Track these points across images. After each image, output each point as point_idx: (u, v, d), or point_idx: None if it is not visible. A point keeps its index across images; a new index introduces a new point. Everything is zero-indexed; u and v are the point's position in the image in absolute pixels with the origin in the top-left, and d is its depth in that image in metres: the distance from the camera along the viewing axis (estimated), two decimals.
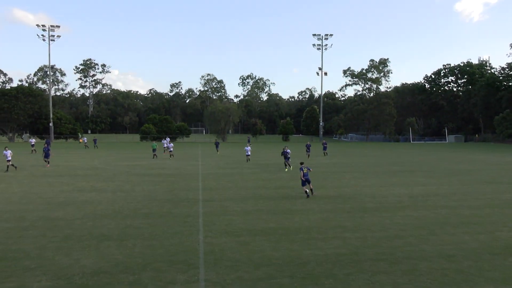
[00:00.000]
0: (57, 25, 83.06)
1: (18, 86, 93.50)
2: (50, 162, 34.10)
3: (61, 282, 10.06)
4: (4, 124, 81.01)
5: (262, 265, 11.27)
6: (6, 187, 23.34)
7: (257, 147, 62.43)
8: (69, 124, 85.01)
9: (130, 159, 40.44)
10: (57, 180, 26.07)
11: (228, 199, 20.20)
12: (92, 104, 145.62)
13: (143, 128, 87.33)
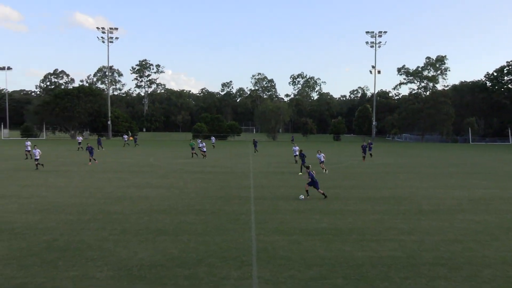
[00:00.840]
0: (115, 28, 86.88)
1: (80, 86, 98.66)
2: (100, 159, 35.63)
3: (121, 272, 10.51)
4: (67, 122, 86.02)
5: (315, 264, 11.19)
6: (69, 181, 24.69)
7: (307, 147, 61.96)
8: (125, 122, 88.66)
9: (182, 157, 41.49)
10: (115, 176, 27.24)
11: (280, 198, 20.21)
12: (147, 103, 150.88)
13: (196, 126, 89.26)
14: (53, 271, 10.57)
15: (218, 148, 56.35)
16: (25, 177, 26.27)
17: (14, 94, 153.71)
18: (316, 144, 73.41)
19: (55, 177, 26.17)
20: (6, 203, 18.41)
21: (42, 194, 20.61)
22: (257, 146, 48.08)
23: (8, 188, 21.93)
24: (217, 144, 67.34)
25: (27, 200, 18.97)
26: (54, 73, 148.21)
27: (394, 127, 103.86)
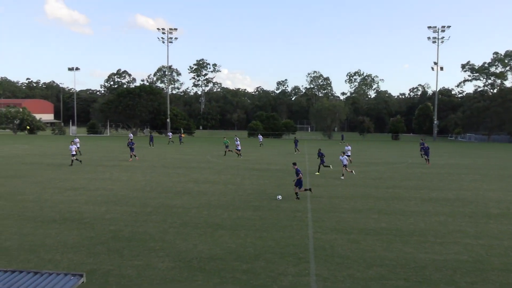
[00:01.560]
0: (175, 28, 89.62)
1: (141, 85, 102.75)
2: (159, 155, 36.89)
3: (181, 264, 10.85)
4: (129, 120, 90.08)
5: (374, 265, 10.94)
6: (131, 176, 25.82)
7: (365, 146, 60.55)
8: (183, 120, 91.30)
9: (263, 153, 41.96)
10: (174, 172, 28.12)
11: (337, 197, 19.94)
12: (203, 102, 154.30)
13: (251, 124, 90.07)
14: (119, 259, 11.12)
15: (274, 146, 56.47)
16: (92, 171, 27.80)
17: (81, 93, 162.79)
18: (373, 143, 71.58)
19: (119, 172, 27.48)
20: (75, 194, 19.60)
21: (108, 187, 21.73)
22: (298, 145, 46.92)
23: (77, 181, 23.32)
24: (273, 142, 67.52)
25: (94, 193, 20.08)
26: (117, 73, 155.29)
27: (457, 126, 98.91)
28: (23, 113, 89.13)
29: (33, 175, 25.54)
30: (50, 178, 24.48)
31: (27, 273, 4.09)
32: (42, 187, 21.32)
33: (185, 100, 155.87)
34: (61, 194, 19.57)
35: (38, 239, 12.73)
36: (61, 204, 17.40)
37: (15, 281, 3.90)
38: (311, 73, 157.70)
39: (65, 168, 28.85)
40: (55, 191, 20.42)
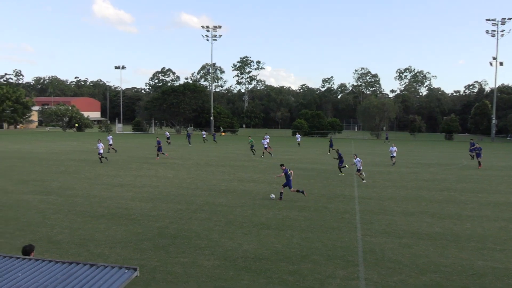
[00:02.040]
0: (219, 25, 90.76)
1: (185, 83, 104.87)
2: (203, 153, 37.50)
3: (227, 263, 10.98)
4: (173, 118, 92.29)
5: (428, 271, 10.60)
6: (177, 173, 26.42)
7: (416, 146, 58.85)
8: (227, 118, 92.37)
9: (282, 153, 41.96)
10: (219, 170, 28.50)
11: (387, 198, 19.48)
12: (247, 100, 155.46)
13: (295, 123, 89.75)
14: (165, 256, 11.40)
15: (319, 145, 55.98)
16: (138, 168, 28.68)
17: (127, 92, 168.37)
18: (425, 143, 69.40)
19: (164, 169, 28.20)
20: (122, 191, 20.30)
21: (153, 184, 22.35)
22: (333, 146, 45.35)
23: (124, 178, 24.14)
24: (318, 141, 66.94)
25: (141, 189, 20.72)
26: (162, 71, 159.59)
27: None
28: (72, 111, 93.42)
29: (82, 171, 26.69)
30: (98, 174, 25.49)
31: (84, 265, 4.28)
32: (91, 183, 22.23)
33: (228, 98, 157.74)
34: (109, 190, 20.33)
35: (87, 233, 13.29)
36: (109, 200, 18.08)
37: (73, 272, 4.09)
38: (358, 69, 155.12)
39: (112, 165, 29.94)
40: (103, 187, 21.24)
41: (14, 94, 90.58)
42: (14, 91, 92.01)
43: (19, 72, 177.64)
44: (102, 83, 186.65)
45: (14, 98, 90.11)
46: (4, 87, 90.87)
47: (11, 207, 16.54)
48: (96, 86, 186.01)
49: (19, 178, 23.62)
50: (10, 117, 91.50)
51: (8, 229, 13.55)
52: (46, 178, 23.56)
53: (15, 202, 17.41)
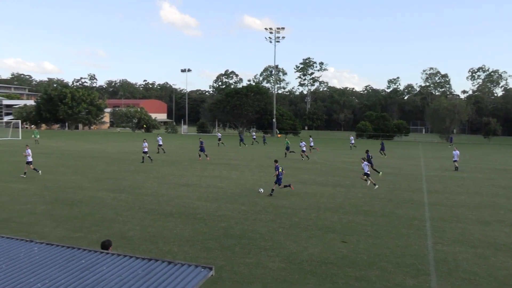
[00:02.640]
0: (282, 27, 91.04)
1: (248, 85, 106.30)
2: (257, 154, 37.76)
3: (292, 266, 10.96)
4: (236, 119, 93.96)
5: (508, 284, 9.95)
6: (241, 174, 26.80)
7: (491, 150, 55.41)
8: (289, 120, 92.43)
9: (346, 156, 41.26)
10: None
11: (459, 205, 18.51)
12: (309, 101, 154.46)
13: (359, 125, 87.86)
14: (231, 256, 11.60)
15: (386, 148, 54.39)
16: (202, 168, 29.44)
17: (192, 94, 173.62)
18: (501, 147, 65.14)
19: (228, 170, 28.72)
20: (188, 190, 20.93)
21: (218, 184, 22.83)
22: (385, 149, 43.15)
23: (189, 178, 24.88)
24: None
25: (206, 190, 21.24)
26: (225, 73, 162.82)
27: None
28: (140, 113, 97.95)
29: (150, 170, 27.85)
30: (165, 174, 26.47)
31: (162, 262, 4.45)
32: (159, 182, 23.14)
33: (290, 99, 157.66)
34: (176, 190, 21.03)
35: (157, 230, 13.83)
36: (176, 199, 18.71)
37: (152, 269, 4.27)
38: (426, 69, 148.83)
39: (179, 165, 30.97)
40: (170, 186, 22.03)
41: (88, 96, 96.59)
42: (88, 94, 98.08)
43: (93, 76, 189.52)
44: (169, 86, 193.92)
45: (88, 101, 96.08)
46: (80, 90, 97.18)
47: (87, 203, 17.61)
48: (163, 89, 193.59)
49: (94, 176, 25.10)
50: (85, 119, 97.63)
51: (85, 224, 14.44)
52: (118, 177, 24.83)
53: (90, 199, 18.51)
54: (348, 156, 40.82)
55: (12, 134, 62.65)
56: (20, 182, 22.57)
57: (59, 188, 21.03)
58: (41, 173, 25.15)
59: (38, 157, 35.12)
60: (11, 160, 32.65)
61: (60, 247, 5.02)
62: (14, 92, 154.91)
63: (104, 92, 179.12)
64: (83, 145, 50.10)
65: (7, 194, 19.18)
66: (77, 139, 61.59)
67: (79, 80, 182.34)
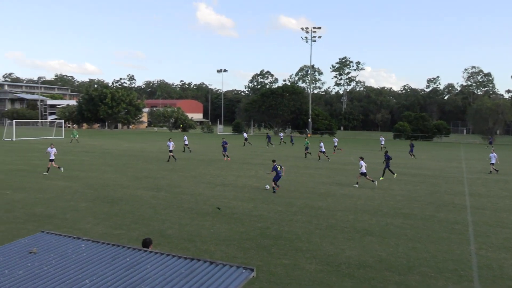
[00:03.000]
0: (318, 27, 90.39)
1: (283, 85, 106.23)
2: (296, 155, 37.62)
3: (329, 268, 10.86)
4: (271, 119, 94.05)
5: None
6: None
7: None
8: (325, 121, 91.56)
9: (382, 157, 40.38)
10: (317, 172, 28.34)
11: (504, 210, 17.81)
12: (345, 101, 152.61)
13: (397, 126, 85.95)
14: (267, 256, 11.62)
15: (424, 149, 52.98)
16: (238, 168, 29.63)
17: (227, 94, 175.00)
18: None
19: (263, 170, 28.76)
20: (224, 190, 21.12)
21: (254, 184, 22.92)
22: (413, 150, 41.65)
23: (225, 178, 25.09)
24: (422, 145, 63.39)
25: (242, 189, 21.37)
26: (261, 73, 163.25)
27: None
28: (177, 113, 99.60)
29: (187, 169, 28.28)
30: (202, 173, 26.82)
31: (204, 261, 4.52)
32: (196, 182, 23.46)
33: (326, 99, 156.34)
34: (212, 189, 21.27)
35: (194, 229, 14.03)
36: (213, 199, 18.91)
37: (195, 268, 4.35)
38: (468, 68, 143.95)
39: (215, 164, 31.30)
40: (207, 185, 22.29)
41: (127, 97, 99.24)
42: (128, 94, 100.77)
43: (132, 77, 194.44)
44: (205, 86, 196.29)
45: (127, 101, 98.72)
46: (119, 91, 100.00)
47: (127, 201, 18.08)
48: (199, 89, 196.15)
49: (133, 174, 25.74)
50: (124, 118, 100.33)
51: (125, 222, 14.82)
52: (156, 176, 25.36)
53: (130, 197, 18.99)
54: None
55: (55, 133, 65.19)
56: (64, 179, 23.42)
57: (100, 186, 21.69)
58: (63, 170, 26.12)
59: (80, 155, 36.38)
60: (57, 158, 33.88)
61: (105, 244, 5.18)
62: (57, 93, 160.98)
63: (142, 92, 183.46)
64: (122, 144, 51.48)
65: (52, 191, 19.96)
66: (117, 138, 63.36)
67: (118, 81, 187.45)
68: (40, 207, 16.82)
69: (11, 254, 4.83)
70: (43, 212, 15.95)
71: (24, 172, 25.83)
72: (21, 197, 18.52)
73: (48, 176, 24.52)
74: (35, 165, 29.07)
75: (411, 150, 41.60)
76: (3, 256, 4.73)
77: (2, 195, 18.92)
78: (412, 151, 41.45)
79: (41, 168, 27.89)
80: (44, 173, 25.53)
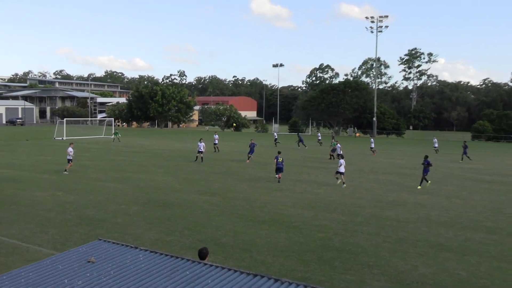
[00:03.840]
0: (385, 15, 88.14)
1: (345, 80, 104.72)
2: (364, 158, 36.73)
3: (399, 286, 10.57)
4: (332, 118, 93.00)
5: None
6: None
7: None
8: (392, 119, 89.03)
9: (461, 162, 38.75)
10: (385, 178, 27.68)
11: None
12: (415, 98, 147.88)
13: (476, 125, 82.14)
14: (330, 270, 11.49)
15: (508, 152, 50.25)
16: (297, 172, 29.56)
17: (283, 90, 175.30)
18: None
19: (324, 174, 28.53)
20: (282, 196, 21.13)
21: (314, 190, 22.77)
22: (467, 152, 39.52)
23: (283, 182, 25.07)
24: (505, 147, 60.16)
25: (301, 195, 21.29)
26: (320, 67, 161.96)
27: None
28: (230, 110, 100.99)
29: (241, 172, 28.60)
30: (257, 177, 27.02)
31: (268, 278, 4.53)
32: (251, 186, 23.67)
33: (393, 96, 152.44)
34: (269, 195, 21.36)
35: (250, 238, 14.15)
36: (269, 205, 18.99)
37: (258, 286, 4.36)
38: None
39: (271, 167, 31.40)
40: (263, 190, 22.41)
41: (178, 94, 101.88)
42: (178, 91, 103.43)
43: (182, 73, 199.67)
44: (259, 82, 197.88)
45: (178, 98, 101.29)
46: (170, 88, 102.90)
47: (179, 206, 18.56)
48: (253, 85, 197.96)
49: (184, 177, 26.40)
50: (174, 116, 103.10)
51: (178, 227, 15.22)
52: (209, 178, 25.85)
53: (182, 201, 19.48)
54: (466, 162, 38.34)
55: (105, 132, 68.22)
56: (115, 181, 24.45)
57: (151, 188, 22.43)
58: (67, 173, 27.01)
59: (130, 156, 37.84)
60: (107, 159, 35.50)
61: (164, 255, 5.34)
62: (107, 90, 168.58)
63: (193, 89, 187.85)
64: (172, 144, 52.97)
65: (103, 194, 20.89)
66: (167, 137, 65.29)
67: (169, 77, 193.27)
68: (92, 209, 17.66)
69: (69, 263, 5.09)
70: (95, 216, 16.72)
71: (75, 173, 27.21)
72: (73, 199, 19.53)
73: (99, 177, 25.70)
74: (85, 166, 30.56)
75: (464, 152, 39.63)
76: (62, 265, 5.00)
77: (54, 197, 20.06)
78: (465, 153, 39.45)
79: (92, 168, 29.30)
80: (64, 172, 27.07)
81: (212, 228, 15.20)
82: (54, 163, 31.83)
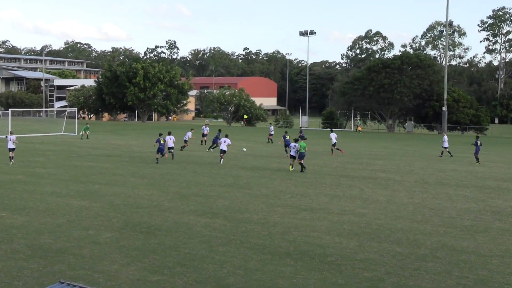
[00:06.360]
0: None
1: (402, 54, 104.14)
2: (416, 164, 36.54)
3: None
4: (383, 108, 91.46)
5: None
6: (392, 195, 26.44)
7: None
8: (469, 109, 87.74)
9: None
10: (459, 193, 27.55)
11: None
12: (502, 78, 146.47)
13: None
14: None
15: None
16: (334, 184, 29.62)
17: (315, 68, 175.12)
18: None
19: (372, 187, 28.49)
20: (313, 218, 21.16)
21: (358, 210, 22.76)
22: (479, 152, 39.31)
23: (314, 198, 25.16)
24: None
25: (339, 218, 21.30)
26: (366, 36, 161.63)
27: None
28: (239, 97, 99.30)
29: (255, 185, 28.72)
30: (278, 190, 27.11)
31: None
32: (269, 204, 23.74)
33: (471, 75, 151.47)
34: (294, 216, 21.41)
35: (268, 278, 14.18)
36: (295, 231, 19.02)
37: None
38: None
39: (298, 177, 31.45)
40: (286, 210, 22.48)
41: (167, 74, 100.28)
42: (167, 70, 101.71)
43: (173, 44, 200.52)
44: (280, 56, 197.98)
45: (167, 80, 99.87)
46: (156, 65, 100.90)
47: (169, 232, 18.68)
48: (271, 61, 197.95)
49: (176, 190, 26.59)
50: (162, 106, 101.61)
51: (167, 262, 15.32)
52: (210, 193, 26.00)
53: (173, 225, 19.62)
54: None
55: (65, 128, 68.57)
56: (80, 197, 24.71)
57: (129, 207, 22.62)
58: (11, 165, 29.70)
59: (101, 161, 38.17)
60: (68, 165, 35.84)
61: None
62: (68, 69, 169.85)
63: (188, 66, 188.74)
64: None
65: (63, 214, 21.11)
66: (151, 135, 65.48)
67: (153, 50, 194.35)
68: (47, 237, 17.85)
69: None
70: (52, 245, 16.90)
71: (24, 185, 27.55)
72: (21, 222, 19.79)
73: (56, 191, 25.98)
74: (38, 175, 30.95)
75: (476, 151, 41.31)
76: None
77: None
78: (477, 153, 41.15)
79: (47, 179, 29.64)
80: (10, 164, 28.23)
81: (214, 264, 15.26)
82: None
